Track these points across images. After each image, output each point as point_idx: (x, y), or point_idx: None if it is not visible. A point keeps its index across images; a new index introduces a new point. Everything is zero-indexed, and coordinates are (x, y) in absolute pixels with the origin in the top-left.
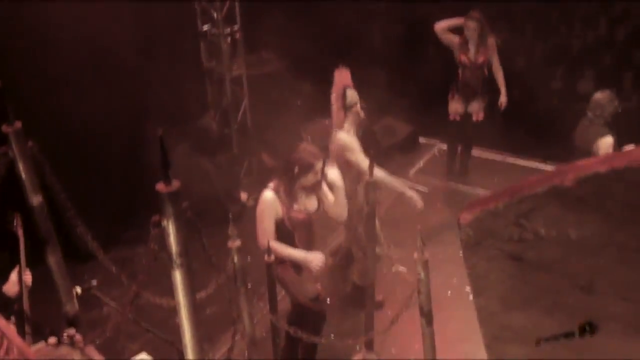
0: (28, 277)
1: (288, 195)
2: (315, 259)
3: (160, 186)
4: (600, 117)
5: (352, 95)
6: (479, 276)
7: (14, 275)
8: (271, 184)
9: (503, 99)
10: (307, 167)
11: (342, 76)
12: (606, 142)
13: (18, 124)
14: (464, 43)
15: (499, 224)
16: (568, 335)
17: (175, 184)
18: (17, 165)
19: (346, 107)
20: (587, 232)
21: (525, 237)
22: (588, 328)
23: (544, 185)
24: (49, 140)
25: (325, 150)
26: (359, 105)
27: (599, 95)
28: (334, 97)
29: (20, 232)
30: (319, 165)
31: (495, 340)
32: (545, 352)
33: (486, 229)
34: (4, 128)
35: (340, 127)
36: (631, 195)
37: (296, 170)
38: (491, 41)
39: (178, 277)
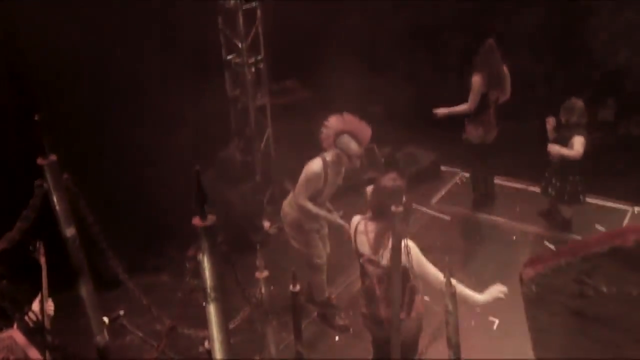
0: (50, 307)
1: None
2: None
3: (196, 220)
4: None
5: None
6: (541, 329)
7: (35, 305)
8: None
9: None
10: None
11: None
12: None
13: (53, 157)
14: (486, 76)
15: (562, 280)
16: None
17: (211, 218)
18: (51, 197)
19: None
20: None
21: (587, 294)
22: None
23: (605, 245)
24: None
25: None
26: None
27: None
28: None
29: (43, 261)
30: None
31: None
32: None
33: (549, 285)
34: (39, 160)
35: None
36: None
37: None
38: (505, 69)
39: (212, 310)
